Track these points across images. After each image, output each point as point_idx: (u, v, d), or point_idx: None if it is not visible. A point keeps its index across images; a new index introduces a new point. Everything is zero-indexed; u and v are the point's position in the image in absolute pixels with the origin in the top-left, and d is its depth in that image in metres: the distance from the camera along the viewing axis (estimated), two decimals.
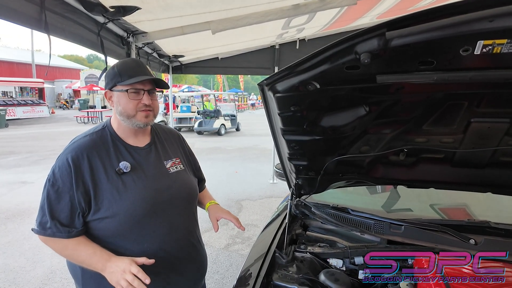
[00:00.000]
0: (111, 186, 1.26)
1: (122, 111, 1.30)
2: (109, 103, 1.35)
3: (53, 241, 1.25)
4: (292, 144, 1.56)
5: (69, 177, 1.23)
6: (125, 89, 1.28)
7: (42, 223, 1.24)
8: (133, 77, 1.28)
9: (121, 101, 1.30)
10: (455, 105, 1.28)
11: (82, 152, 1.26)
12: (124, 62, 1.35)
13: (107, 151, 1.31)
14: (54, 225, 1.22)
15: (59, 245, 1.26)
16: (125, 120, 1.32)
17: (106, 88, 1.33)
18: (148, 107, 1.32)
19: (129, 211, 1.26)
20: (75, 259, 1.28)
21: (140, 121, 1.32)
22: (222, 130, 15.22)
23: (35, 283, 3.27)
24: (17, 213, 5.13)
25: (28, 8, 1.65)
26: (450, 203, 2.17)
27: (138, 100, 1.30)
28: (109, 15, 2.28)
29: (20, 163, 8.81)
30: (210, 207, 1.64)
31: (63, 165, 1.24)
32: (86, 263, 1.25)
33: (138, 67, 1.32)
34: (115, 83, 1.30)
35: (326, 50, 1.02)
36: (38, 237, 1.28)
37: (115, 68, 1.31)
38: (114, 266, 1.19)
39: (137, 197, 1.28)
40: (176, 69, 5.98)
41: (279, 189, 6.32)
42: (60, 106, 32.31)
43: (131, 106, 1.29)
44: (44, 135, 14.59)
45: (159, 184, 1.36)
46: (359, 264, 1.43)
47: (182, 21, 3.01)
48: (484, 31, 0.82)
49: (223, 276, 3.37)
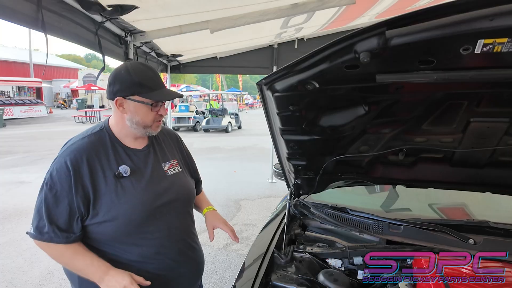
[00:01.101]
0: (110, 190, 1.24)
1: (140, 121, 1.28)
2: (119, 109, 1.27)
3: (50, 246, 1.22)
4: (291, 143, 1.55)
5: (67, 181, 1.20)
6: (150, 103, 1.26)
7: (39, 227, 1.20)
8: (156, 90, 1.27)
9: (139, 112, 1.27)
10: (455, 105, 1.27)
11: (81, 155, 1.23)
12: (142, 72, 1.26)
13: (106, 154, 1.28)
14: (52, 230, 1.19)
15: (55, 251, 1.24)
16: (138, 129, 1.30)
17: (120, 95, 1.24)
18: (162, 116, 1.34)
19: (128, 215, 1.25)
20: (72, 268, 1.26)
21: (154, 130, 1.35)
22: (229, 128, 16.12)
23: (33, 284, 3.25)
24: (15, 213, 5.11)
25: (25, 6, 1.64)
26: (449, 202, 2.16)
27: (156, 112, 1.31)
28: (106, 14, 2.27)
29: (17, 163, 8.78)
30: (207, 213, 1.63)
31: (61, 168, 1.21)
32: (83, 272, 1.24)
33: (157, 79, 1.31)
34: (134, 93, 1.24)
35: (325, 49, 1.01)
36: (34, 241, 1.25)
37: (132, 76, 1.23)
38: (113, 280, 1.19)
39: (136, 201, 1.27)
40: (175, 69, 5.96)
41: (278, 188, 6.32)
42: (58, 105, 32.24)
43: (151, 118, 1.30)
44: (41, 134, 14.54)
45: (157, 188, 1.34)
46: (358, 264, 1.43)
47: (180, 20, 3.00)
48: (484, 30, 0.81)
49: (222, 276, 3.37)
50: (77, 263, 1.23)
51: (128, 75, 1.24)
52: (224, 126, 15.85)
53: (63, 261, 1.26)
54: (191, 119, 16.66)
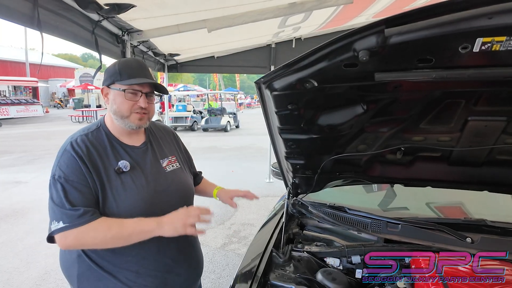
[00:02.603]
0: (111, 186, 1.24)
1: (116, 110, 1.28)
2: (105, 100, 1.32)
3: (94, 227, 1.15)
4: (289, 142, 1.55)
5: (80, 171, 1.19)
6: (123, 89, 1.26)
7: (71, 216, 1.13)
8: (133, 78, 1.26)
9: (116, 100, 1.28)
10: (453, 104, 1.27)
11: (83, 151, 1.22)
12: (126, 61, 1.33)
13: (105, 151, 1.28)
14: (87, 211, 1.15)
15: (102, 226, 1.17)
16: (118, 120, 1.30)
17: (104, 85, 1.31)
18: (143, 109, 1.30)
19: (128, 212, 1.23)
20: (122, 235, 1.19)
21: (133, 123, 1.30)
22: (228, 127, 16.34)
23: (29, 284, 3.23)
24: (11, 213, 5.07)
25: (21, 5, 1.63)
26: (446, 201, 2.17)
27: (134, 102, 1.28)
28: (103, 13, 2.26)
29: (14, 162, 8.73)
30: (219, 192, 1.65)
31: (70, 161, 1.20)
32: (136, 231, 1.19)
33: (139, 68, 1.30)
34: (114, 80, 1.28)
35: (324, 48, 1.00)
36: (64, 242, 1.15)
37: (116, 66, 1.29)
38: (171, 216, 1.21)
39: (137, 197, 1.26)
40: (172, 68, 5.94)
41: (275, 188, 6.32)
42: (55, 105, 32.07)
43: (126, 106, 1.27)
44: (38, 134, 14.46)
45: (157, 185, 1.34)
46: (356, 263, 1.43)
47: (178, 19, 2.99)
48: (483, 28, 0.81)
49: (220, 275, 3.36)
50: (127, 225, 1.19)
51: (113, 66, 1.30)
52: (223, 125, 16.07)
53: (113, 234, 1.18)
54: (188, 118, 16.68)
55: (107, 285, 1.26)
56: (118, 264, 1.26)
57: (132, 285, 1.27)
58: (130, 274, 1.27)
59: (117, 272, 1.26)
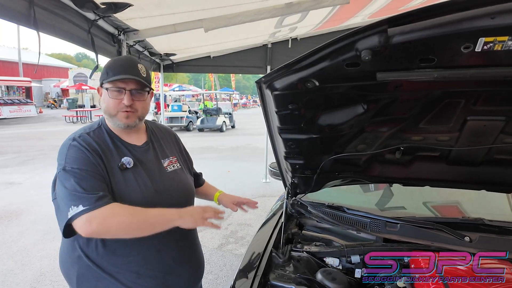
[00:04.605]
0: (114, 182, 1.22)
1: (105, 109, 1.28)
2: (100, 99, 1.32)
3: (117, 212, 1.13)
4: (288, 142, 1.55)
5: (90, 161, 1.18)
6: (106, 87, 1.25)
7: (89, 199, 1.09)
8: (117, 75, 1.23)
9: (105, 99, 1.27)
10: (452, 103, 1.28)
11: (88, 145, 1.22)
12: (115, 59, 1.32)
13: (108, 148, 1.27)
14: (105, 195, 1.13)
15: (125, 213, 1.14)
16: (108, 119, 1.31)
17: (99, 84, 1.31)
18: (128, 107, 1.26)
19: None
20: (147, 221, 1.17)
21: (120, 122, 1.28)
22: (223, 127, 16.25)
23: (25, 286, 3.19)
24: (5, 215, 5.01)
25: (16, 3, 1.61)
26: (443, 200, 2.18)
27: (119, 100, 1.25)
28: (100, 12, 2.24)
29: (7, 163, 8.62)
30: (220, 196, 1.66)
31: (79, 153, 1.18)
32: (160, 220, 1.19)
33: (126, 65, 1.27)
34: (103, 79, 1.27)
35: (326, 47, 1.00)
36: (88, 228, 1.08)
37: (107, 64, 1.29)
38: (191, 209, 1.24)
39: (139, 196, 1.25)
40: (168, 68, 5.91)
41: (272, 188, 6.32)
42: (48, 105, 31.73)
43: (112, 105, 1.26)
44: (32, 134, 14.31)
45: (158, 185, 1.32)
46: (355, 262, 1.43)
47: (174, 19, 2.97)
48: (485, 28, 0.81)
49: (217, 276, 3.35)
50: (151, 213, 1.18)
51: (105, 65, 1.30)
52: (219, 125, 16.01)
53: (138, 219, 1.15)
54: (184, 118, 16.62)
55: (107, 286, 1.25)
56: (119, 264, 1.25)
57: (132, 286, 1.26)
58: (131, 275, 1.26)
59: (117, 273, 1.25)
